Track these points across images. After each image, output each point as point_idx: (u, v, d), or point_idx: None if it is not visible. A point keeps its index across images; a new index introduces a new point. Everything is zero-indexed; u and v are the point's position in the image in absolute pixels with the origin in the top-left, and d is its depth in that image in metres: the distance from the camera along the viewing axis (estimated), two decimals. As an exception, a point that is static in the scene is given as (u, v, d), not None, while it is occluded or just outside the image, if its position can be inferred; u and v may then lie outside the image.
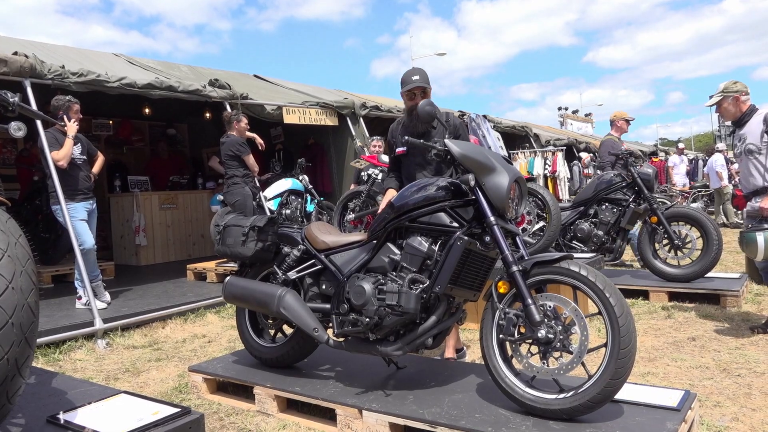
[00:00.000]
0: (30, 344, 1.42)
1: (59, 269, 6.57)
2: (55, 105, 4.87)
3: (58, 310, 5.01)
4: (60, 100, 4.89)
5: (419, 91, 3.27)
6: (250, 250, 3.07)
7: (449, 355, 3.49)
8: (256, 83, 9.11)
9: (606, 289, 2.26)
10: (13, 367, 1.38)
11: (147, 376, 3.68)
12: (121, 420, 1.58)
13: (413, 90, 3.27)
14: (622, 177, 5.43)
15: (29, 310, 1.42)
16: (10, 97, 2.02)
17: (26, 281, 1.43)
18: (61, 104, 4.87)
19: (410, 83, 3.25)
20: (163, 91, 6.00)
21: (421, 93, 3.28)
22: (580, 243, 5.41)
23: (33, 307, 1.43)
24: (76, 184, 4.96)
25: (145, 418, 1.59)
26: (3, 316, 1.35)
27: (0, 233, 1.44)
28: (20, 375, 1.40)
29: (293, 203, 7.44)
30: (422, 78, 3.27)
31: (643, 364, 3.45)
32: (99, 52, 8.04)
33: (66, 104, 4.88)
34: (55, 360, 4.06)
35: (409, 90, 3.28)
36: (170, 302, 5.33)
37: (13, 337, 1.36)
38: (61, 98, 4.92)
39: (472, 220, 2.59)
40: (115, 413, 1.63)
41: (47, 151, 4.74)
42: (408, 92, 3.29)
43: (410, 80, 3.26)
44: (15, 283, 1.39)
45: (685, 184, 14.48)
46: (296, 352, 3.12)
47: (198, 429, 1.61)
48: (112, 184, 8.60)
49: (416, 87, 3.25)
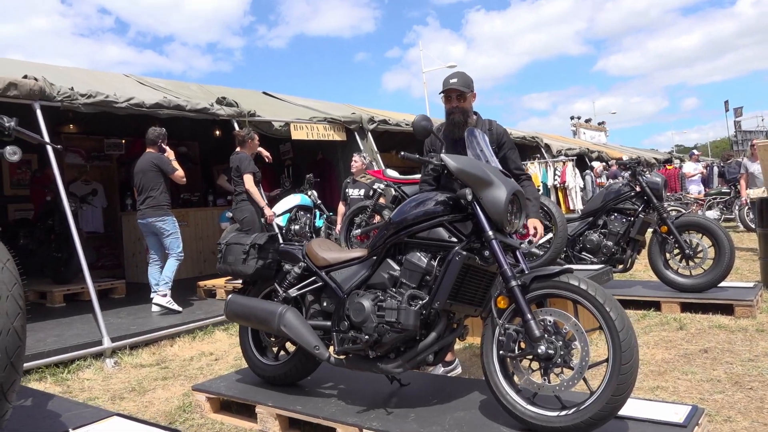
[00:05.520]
0: (16, 368, 1.41)
1: (71, 288, 6.61)
2: (155, 135, 5.82)
3: (68, 329, 5.05)
4: (155, 131, 5.82)
5: (455, 94, 3.15)
6: (251, 268, 3.07)
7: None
8: (265, 100, 9.19)
9: (606, 303, 2.23)
10: (-1, 393, 1.38)
11: (152, 395, 3.68)
12: (110, 444, 1.57)
13: (448, 92, 3.16)
14: (630, 186, 5.38)
15: (15, 334, 1.42)
16: (6, 122, 2.05)
17: (12, 306, 1.43)
18: (158, 134, 5.83)
19: (446, 85, 3.15)
20: (171, 110, 6.06)
21: (456, 96, 3.16)
22: (590, 254, 5.36)
23: (19, 332, 1.44)
24: (170, 200, 5.82)
25: (134, 441, 1.58)
26: (-12, 342, 1.36)
27: (-14, 258, 1.45)
28: (6, 399, 1.40)
29: (302, 219, 7.45)
30: (460, 81, 3.14)
31: (653, 377, 3.39)
32: (110, 73, 8.17)
33: (162, 134, 5.86)
34: (63, 380, 4.08)
35: (445, 92, 3.17)
36: (179, 320, 5.34)
37: (-1, 363, 1.36)
38: (156, 129, 5.85)
39: (470, 235, 2.57)
40: (105, 437, 1.62)
41: (170, 171, 5.71)
42: (444, 95, 3.20)
43: (447, 82, 3.15)
44: (0, 307, 1.40)
45: (700, 191, 14.30)
46: (299, 370, 3.10)
47: (188, 452, 1.60)
48: (124, 202, 8.68)
49: (451, 89, 3.14)
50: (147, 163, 5.68)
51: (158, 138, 5.81)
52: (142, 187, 5.66)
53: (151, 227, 5.68)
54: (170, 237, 5.69)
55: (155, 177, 5.65)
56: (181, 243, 5.79)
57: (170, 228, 5.69)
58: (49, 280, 6.96)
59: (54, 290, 6.56)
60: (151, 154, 5.75)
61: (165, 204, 5.68)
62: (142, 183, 5.65)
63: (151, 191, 5.62)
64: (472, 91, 3.22)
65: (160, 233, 5.69)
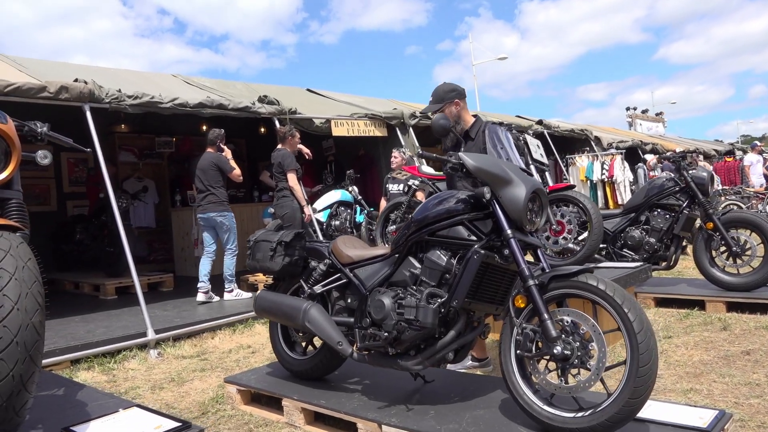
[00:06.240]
0: (35, 361, 1.52)
1: (122, 281, 6.91)
2: (214, 136, 6.29)
3: (116, 321, 5.30)
4: (214, 133, 6.29)
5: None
6: (278, 265, 3.14)
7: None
8: (308, 97, 9.32)
9: (624, 304, 2.18)
10: (18, 383, 1.48)
11: (190, 386, 3.83)
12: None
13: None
14: (675, 181, 5.20)
15: (34, 329, 1.52)
16: (38, 127, 2.17)
17: (31, 302, 1.53)
18: (217, 135, 6.28)
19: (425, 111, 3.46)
20: (213, 109, 6.24)
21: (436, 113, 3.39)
22: (631, 251, 5.21)
23: (38, 327, 1.53)
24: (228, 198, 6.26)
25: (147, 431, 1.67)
26: (8, 336, 1.46)
27: (9, 257, 1.56)
28: (26, 390, 1.51)
29: (342, 214, 7.55)
30: (432, 101, 3.35)
31: (688, 379, 3.28)
32: (158, 74, 8.46)
33: (221, 135, 6.30)
34: (110, 369, 4.29)
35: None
36: (221, 313, 5.52)
37: (18, 355, 1.47)
38: (215, 131, 6.31)
39: (490, 233, 2.56)
40: (122, 426, 1.72)
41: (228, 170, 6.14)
42: None
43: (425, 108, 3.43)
44: (20, 304, 1.50)
45: (762, 184, 13.64)
46: (325, 365, 3.16)
47: (197, 443, 1.68)
48: (173, 198, 8.98)
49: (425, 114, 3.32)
50: (207, 162, 6.12)
51: (217, 138, 6.24)
52: (203, 184, 6.11)
53: (211, 221, 6.13)
54: (228, 232, 6.17)
55: (215, 175, 6.11)
56: (236, 238, 6.20)
57: (228, 223, 6.17)
58: (103, 273, 7.29)
59: (106, 283, 6.88)
60: (211, 154, 6.19)
61: (225, 200, 6.17)
62: (204, 181, 6.10)
63: (212, 188, 6.08)
64: (450, 101, 3.31)
65: (219, 227, 6.16)
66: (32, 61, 6.89)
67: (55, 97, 5.01)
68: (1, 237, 1.61)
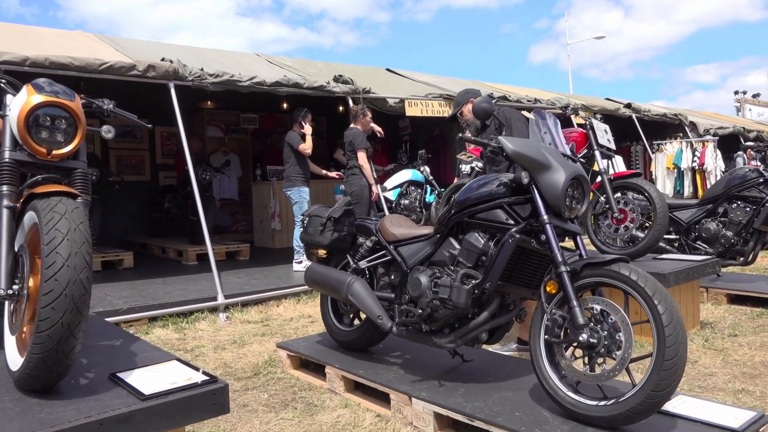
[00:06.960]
0: (81, 312, 1.73)
1: (202, 248, 7.35)
2: (295, 115, 6.66)
3: (193, 284, 5.70)
4: (296, 112, 6.66)
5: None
6: (326, 239, 3.29)
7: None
8: (386, 77, 9.40)
9: (655, 296, 2.14)
10: (67, 330, 1.70)
11: (249, 348, 4.09)
12: (159, 382, 1.85)
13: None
14: (759, 172, 4.87)
15: (81, 284, 1.72)
16: (105, 105, 2.40)
17: (80, 261, 1.74)
18: (297, 114, 6.61)
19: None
20: (289, 87, 6.47)
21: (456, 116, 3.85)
22: (705, 244, 4.96)
23: (84, 282, 1.74)
24: (307, 173, 6.63)
25: (178, 381, 1.85)
26: (58, 288, 1.68)
27: (64, 220, 1.77)
28: (73, 337, 1.72)
29: (413, 194, 7.63)
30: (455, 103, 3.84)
31: (742, 380, 3.14)
32: (242, 53, 8.83)
33: (302, 113, 6.58)
34: (182, 328, 4.65)
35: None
36: (288, 283, 5.80)
37: (66, 306, 1.69)
38: (300, 109, 6.63)
39: (529, 218, 2.56)
40: (158, 376, 1.91)
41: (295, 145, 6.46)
42: None
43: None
44: (70, 261, 1.71)
45: None
46: (367, 338, 3.29)
47: (221, 397, 1.83)
48: (255, 173, 9.41)
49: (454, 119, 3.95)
50: (285, 141, 6.62)
51: (298, 116, 6.60)
52: (284, 161, 6.63)
53: (285, 195, 6.69)
54: (295, 205, 6.58)
55: (288, 152, 6.57)
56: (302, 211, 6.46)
57: (295, 197, 6.56)
58: (186, 240, 7.81)
59: (189, 249, 7.38)
60: (288, 133, 6.64)
61: (293, 176, 6.56)
62: (284, 158, 6.61)
63: (286, 164, 6.61)
64: (466, 101, 3.70)
65: (290, 201, 6.66)
66: (129, 41, 7.42)
67: (143, 75, 5.39)
68: (60, 202, 1.83)
